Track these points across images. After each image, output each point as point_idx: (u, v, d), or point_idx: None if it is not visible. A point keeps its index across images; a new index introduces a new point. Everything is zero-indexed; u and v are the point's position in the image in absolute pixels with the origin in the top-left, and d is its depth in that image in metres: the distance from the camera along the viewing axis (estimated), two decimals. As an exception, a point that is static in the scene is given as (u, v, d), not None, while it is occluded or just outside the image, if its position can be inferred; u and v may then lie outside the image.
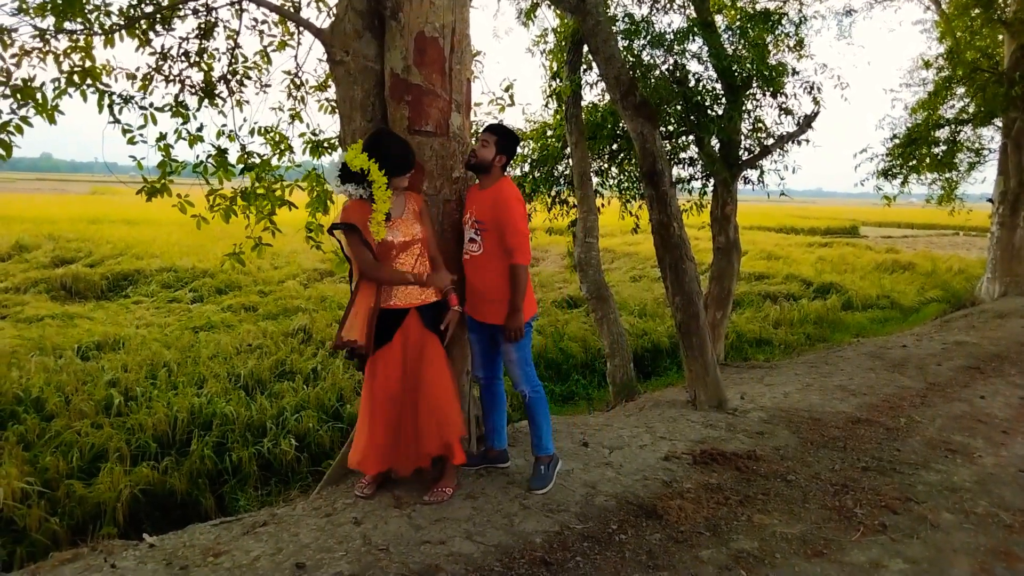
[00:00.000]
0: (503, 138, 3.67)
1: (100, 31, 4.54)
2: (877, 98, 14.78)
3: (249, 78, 5.74)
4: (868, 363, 7.61)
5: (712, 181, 8.54)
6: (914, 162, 12.84)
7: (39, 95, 4.33)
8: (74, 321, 11.11)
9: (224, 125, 5.44)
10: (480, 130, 4.04)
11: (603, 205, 9.58)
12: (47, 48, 4.54)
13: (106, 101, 4.73)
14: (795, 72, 7.77)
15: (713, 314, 7.90)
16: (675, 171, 8.59)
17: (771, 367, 8.11)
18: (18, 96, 4.25)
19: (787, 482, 4.03)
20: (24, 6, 4.19)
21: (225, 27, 5.46)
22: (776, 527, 3.43)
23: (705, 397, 5.65)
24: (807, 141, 8.08)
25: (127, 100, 4.89)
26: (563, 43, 8.59)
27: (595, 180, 9.13)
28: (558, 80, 8.85)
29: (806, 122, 7.85)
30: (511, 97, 7.36)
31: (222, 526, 3.47)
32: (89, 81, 4.63)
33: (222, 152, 5.27)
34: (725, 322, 8.43)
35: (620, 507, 3.60)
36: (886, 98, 13.13)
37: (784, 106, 7.94)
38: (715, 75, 7.70)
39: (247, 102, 5.80)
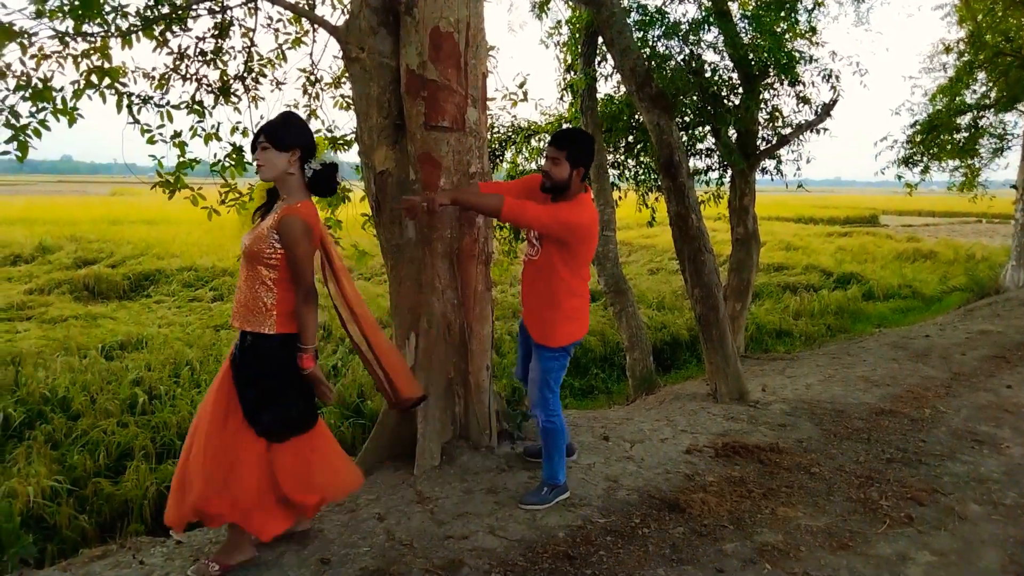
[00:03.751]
0: (575, 146, 3.26)
1: (118, 33, 4.58)
2: (895, 85, 14.56)
3: (264, 76, 5.77)
4: (891, 353, 7.53)
5: (729, 172, 8.47)
6: (935, 149, 12.65)
7: (58, 97, 4.38)
8: (97, 321, 11.25)
9: (239, 122, 5.48)
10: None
11: (620, 198, 9.54)
12: (66, 51, 4.58)
13: (125, 102, 4.78)
14: (812, 60, 7.68)
15: (733, 306, 7.84)
16: (692, 162, 8.53)
17: (792, 359, 8.05)
18: (36, 98, 4.30)
19: (811, 474, 4.00)
20: (42, 9, 4.23)
21: (240, 25, 5.49)
22: (800, 520, 3.40)
23: (726, 389, 5.61)
24: (825, 130, 7.98)
25: (145, 100, 4.94)
26: (577, 35, 8.55)
27: (611, 173, 9.09)
28: (572, 73, 8.81)
29: (824, 110, 7.75)
30: (525, 93, 7.36)
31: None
32: (107, 82, 4.68)
33: (238, 149, 5.30)
34: (745, 314, 8.37)
35: (642, 501, 3.59)
36: (904, 85, 12.99)
37: (801, 94, 7.85)
38: (731, 64, 7.63)
39: (262, 99, 5.84)
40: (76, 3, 4.20)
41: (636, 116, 8.35)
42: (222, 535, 3.26)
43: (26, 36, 4.23)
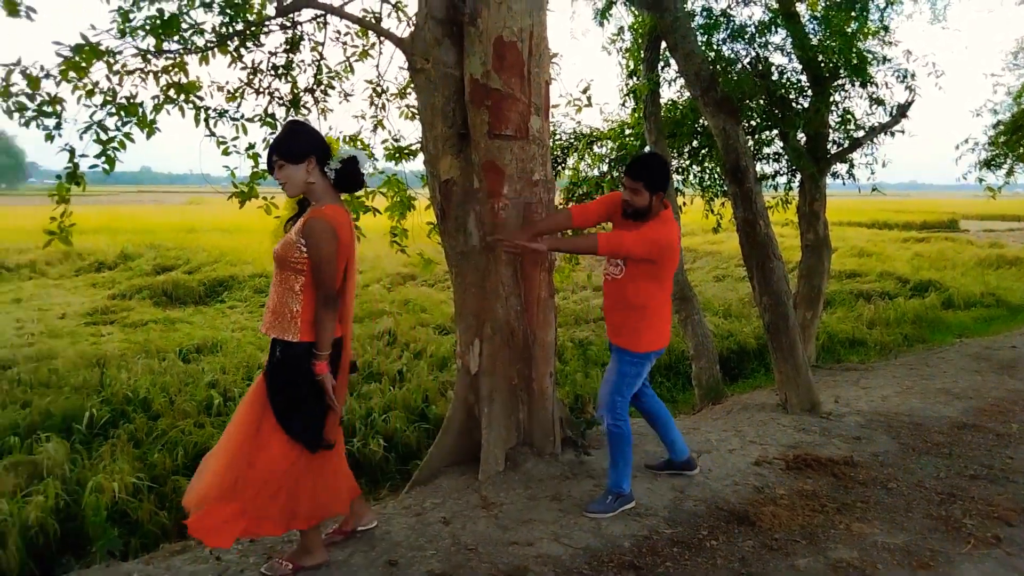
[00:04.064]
0: (650, 173, 3.36)
1: (195, 50, 4.78)
2: (975, 84, 13.94)
3: (333, 88, 5.93)
4: (973, 365, 7.19)
5: (798, 176, 8.25)
6: (1021, 150, 12.02)
7: (140, 111, 4.60)
8: (175, 325, 11.73)
9: (327, 134, 5.62)
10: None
11: (684, 204, 9.40)
12: (147, 67, 4.81)
13: (202, 115, 4.98)
14: (885, 60, 7.42)
15: (803, 314, 7.62)
16: (759, 167, 8.34)
17: (866, 369, 7.77)
18: (122, 113, 4.53)
19: (888, 490, 3.85)
20: (125, 28, 4.46)
21: (310, 40, 5.65)
22: (877, 536, 3.28)
23: (797, 400, 5.46)
24: (901, 132, 7.69)
25: (221, 114, 5.14)
26: (640, 40, 8.48)
27: (676, 178, 8.97)
28: (635, 78, 8.74)
29: (900, 112, 7.47)
30: (588, 99, 7.34)
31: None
32: (184, 96, 4.89)
33: (309, 160, 5.44)
34: (816, 322, 8.12)
35: (710, 512, 3.52)
36: (985, 84, 12.38)
37: (874, 96, 7.58)
38: (799, 67, 7.44)
39: (331, 111, 6.00)
40: (157, 22, 4.41)
41: (700, 121, 8.23)
42: (296, 533, 3.36)
43: (111, 55, 4.47)
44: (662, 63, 8.42)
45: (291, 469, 2.82)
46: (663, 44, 7.95)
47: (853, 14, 6.98)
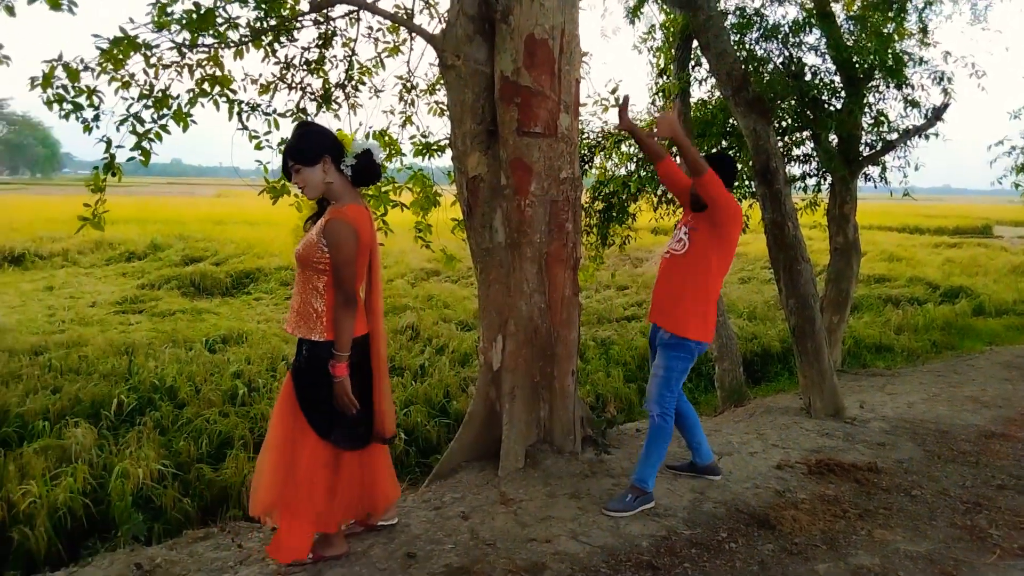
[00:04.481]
0: (721, 172, 3.40)
1: (230, 44, 4.84)
2: (1013, 86, 13.65)
3: (363, 83, 5.97)
4: (1003, 373, 7.06)
5: (828, 179, 8.15)
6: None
7: (174, 105, 4.67)
8: (202, 316, 11.91)
9: (339, 129, 5.67)
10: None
11: (711, 204, 9.34)
12: (183, 61, 4.88)
13: (235, 109, 5.04)
14: (922, 61, 7.31)
15: (830, 318, 7.53)
16: (788, 168, 8.25)
17: (893, 375, 7.66)
18: (157, 106, 4.61)
19: (911, 497, 3.80)
20: (161, 21, 4.53)
21: (342, 36, 5.70)
22: (899, 544, 3.24)
23: (821, 405, 5.40)
24: (935, 135, 7.57)
25: (254, 108, 5.20)
26: (671, 39, 8.44)
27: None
28: (665, 77, 8.70)
29: (935, 115, 7.35)
30: (616, 100, 7.32)
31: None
32: (218, 90, 4.95)
33: (338, 154, 5.49)
34: (842, 326, 8.02)
35: (730, 515, 3.50)
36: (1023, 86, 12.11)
37: (910, 98, 7.46)
38: (833, 67, 7.35)
39: (361, 106, 6.05)
40: (193, 16, 4.48)
41: (730, 121, 8.16)
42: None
43: (148, 48, 4.54)
44: (693, 62, 8.37)
45: (324, 470, 2.85)
46: (695, 43, 7.90)
47: (890, 15, 6.88)
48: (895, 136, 7.62)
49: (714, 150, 9.08)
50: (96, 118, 4.40)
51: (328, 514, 2.90)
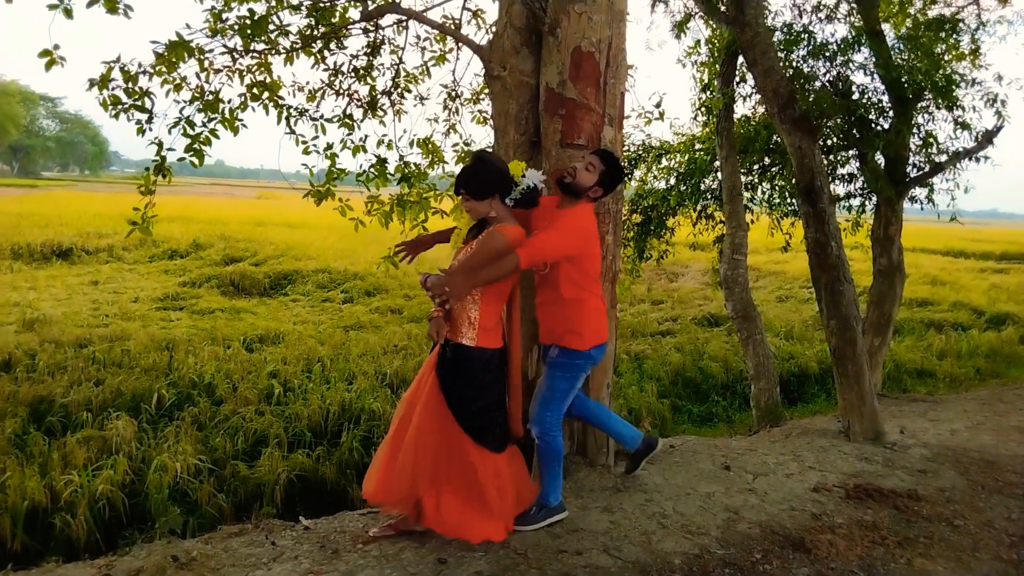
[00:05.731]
0: (610, 170, 3.34)
1: (282, 51, 4.94)
2: (1070, 110, 13.27)
3: (409, 91, 6.04)
4: (1052, 404, 6.85)
5: (874, 199, 8.02)
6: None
7: (225, 109, 4.78)
8: (240, 315, 12.13)
9: (384, 135, 5.75)
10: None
11: (751, 221, 9.26)
12: (234, 66, 5.00)
13: (284, 114, 5.14)
14: (974, 83, 7.16)
15: (871, 340, 7.38)
16: (832, 187, 8.14)
17: (935, 401, 7.48)
18: (209, 109, 4.72)
19: (954, 527, 3.70)
20: (216, 27, 4.65)
21: (390, 44, 5.78)
22: (940, 575, 3.16)
23: (860, 428, 5.29)
24: (986, 158, 7.40)
25: (302, 113, 5.30)
26: (716, 54, 8.40)
27: (744, 195, 8.84)
28: (708, 92, 8.65)
29: (986, 137, 7.19)
30: (661, 114, 7.31)
31: (369, 515, 3.65)
32: (268, 95, 5.06)
33: (382, 161, 5.57)
34: (884, 350, 7.86)
35: (764, 536, 3.45)
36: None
37: (960, 119, 7.32)
38: (882, 87, 7.24)
39: (406, 113, 6.12)
40: (247, 23, 4.59)
41: (774, 138, 8.09)
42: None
43: (201, 52, 4.66)
44: (737, 78, 8.32)
45: (491, 474, 3.12)
46: (740, 59, 7.86)
47: (942, 35, 6.76)
48: (944, 158, 7.47)
49: (755, 167, 9.01)
50: (150, 120, 4.52)
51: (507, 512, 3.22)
